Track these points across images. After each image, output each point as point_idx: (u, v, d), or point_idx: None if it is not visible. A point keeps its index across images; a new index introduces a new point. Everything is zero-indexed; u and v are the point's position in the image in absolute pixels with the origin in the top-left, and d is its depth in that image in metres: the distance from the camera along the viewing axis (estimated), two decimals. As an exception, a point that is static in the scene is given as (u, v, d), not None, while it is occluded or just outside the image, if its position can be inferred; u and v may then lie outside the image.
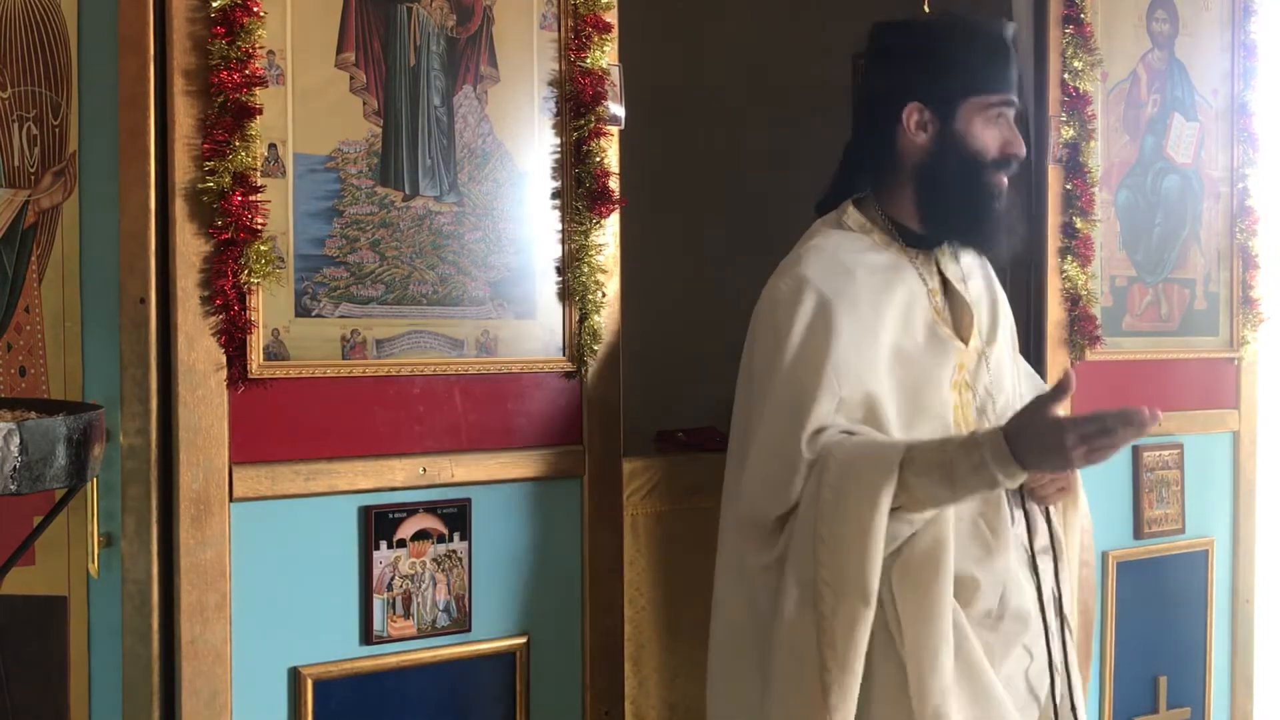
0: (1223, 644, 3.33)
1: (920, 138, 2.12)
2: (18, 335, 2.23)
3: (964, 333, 2.18)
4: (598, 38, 2.31)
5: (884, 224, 2.18)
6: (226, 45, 1.95)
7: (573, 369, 2.33)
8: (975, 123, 2.10)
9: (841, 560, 1.91)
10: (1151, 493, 3.12)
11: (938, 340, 2.13)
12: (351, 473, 2.10)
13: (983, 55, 2.11)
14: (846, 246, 2.15)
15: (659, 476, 2.54)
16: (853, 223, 2.19)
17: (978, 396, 2.17)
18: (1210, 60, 3.27)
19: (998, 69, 2.11)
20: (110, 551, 2.05)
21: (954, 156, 2.10)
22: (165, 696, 1.98)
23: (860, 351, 2.02)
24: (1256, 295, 3.32)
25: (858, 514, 1.90)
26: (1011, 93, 2.13)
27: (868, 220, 2.19)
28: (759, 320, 2.12)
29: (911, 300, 2.13)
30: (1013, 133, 2.13)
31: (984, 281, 2.29)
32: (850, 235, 2.18)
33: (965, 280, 2.23)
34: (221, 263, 1.97)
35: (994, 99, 2.10)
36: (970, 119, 2.10)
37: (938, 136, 2.12)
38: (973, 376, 2.17)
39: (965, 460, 1.87)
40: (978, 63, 2.10)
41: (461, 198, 2.21)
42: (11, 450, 1.63)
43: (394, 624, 2.14)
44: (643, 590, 2.51)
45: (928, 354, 2.11)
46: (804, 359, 2.01)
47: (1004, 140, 2.12)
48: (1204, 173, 3.26)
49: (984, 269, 2.31)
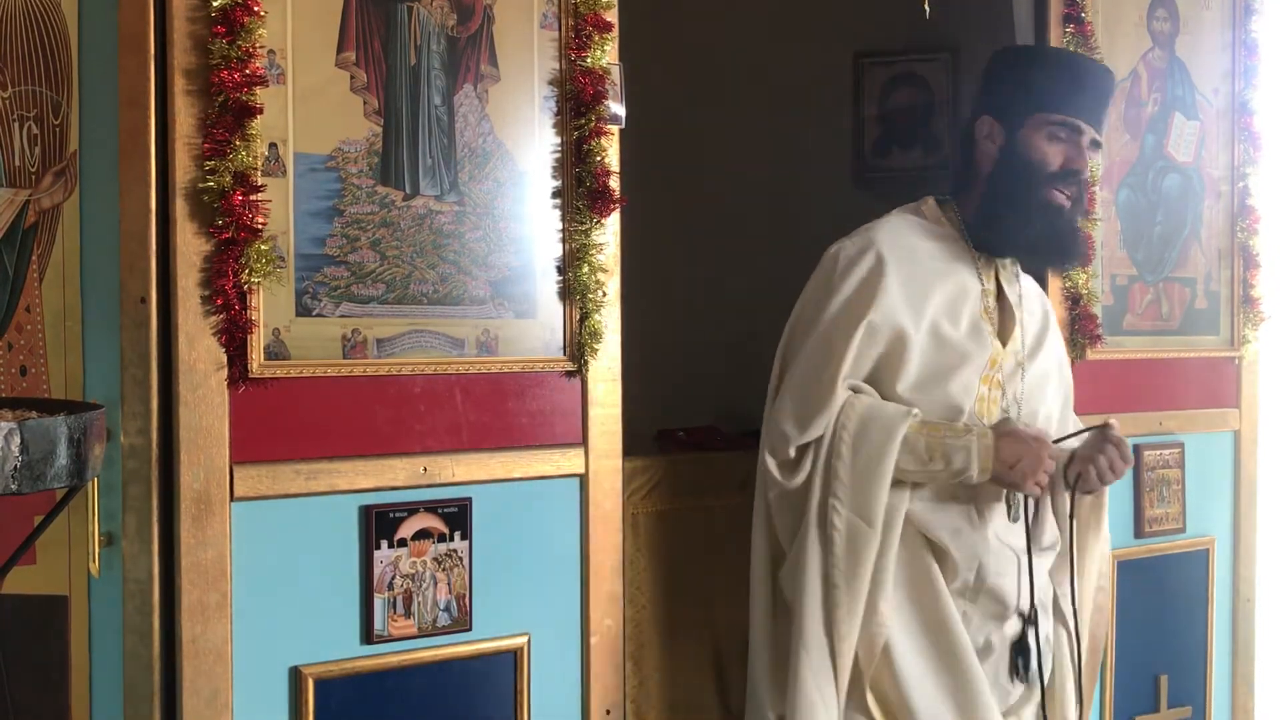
0: (1223, 643, 3.33)
1: (989, 148, 2.30)
2: (18, 335, 2.23)
3: (1005, 336, 2.31)
4: (598, 37, 2.31)
5: (957, 222, 2.34)
6: (227, 45, 1.95)
7: (573, 368, 2.33)
8: (1037, 137, 2.25)
9: (858, 482, 2.11)
10: (1152, 492, 3.12)
11: (978, 332, 2.27)
12: (352, 472, 2.10)
13: (1055, 79, 2.27)
14: (917, 230, 2.32)
15: (659, 476, 2.54)
16: (928, 212, 2.37)
17: (1005, 398, 2.29)
18: (1211, 59, 3.27)
19: (1071, 94, 2.26)
20: (111, 551, 2.05)
21: (1016, 166, 2.26)
22: (166, 696, 1.98)
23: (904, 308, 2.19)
24: (1257, 294, 3.32)
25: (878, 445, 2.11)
26: (1081, 118, 2.26)
27: (942, 215, 2.36)
28: (821, 270, 2.29)
29: (963, 291, 2.28)
30: (1078, 151, 2.26)
31: (1041, 313, 2.44)
32: (923, 223, 2.34)
33: (1020, 300, 2.36)
34: (222, 262, 1.97)
35: (1056, 117, 2.25)
36: (1032, 134, 2.26)
37: (1004, 147, 2.29)
38: (1006, 378, 2.29)
39: (954, 437, 2.13)
40: (1050, 85, 2.26)
41: (462, 197, 2.21)
42: (12, 450, 1.63)
43: (395, 623, 2.14)
44: (643, 589, 2.51)
45: (966, 340, 2.24)
46: (849, 308, 2.18)
47: (1066, 156, 2.25)
48: (1205, 172, 3.26)
49: (1043, 303, 2.48)
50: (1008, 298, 2.33)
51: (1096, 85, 2.31)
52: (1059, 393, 2.45)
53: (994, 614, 2.23)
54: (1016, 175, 2.26)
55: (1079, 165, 2.26)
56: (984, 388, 2.25)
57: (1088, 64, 2.39)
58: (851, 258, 2.23)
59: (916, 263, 2.25)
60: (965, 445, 2.13)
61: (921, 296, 2.21)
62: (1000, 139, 2.28)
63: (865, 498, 2.11)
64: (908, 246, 2.27)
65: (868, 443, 2.12)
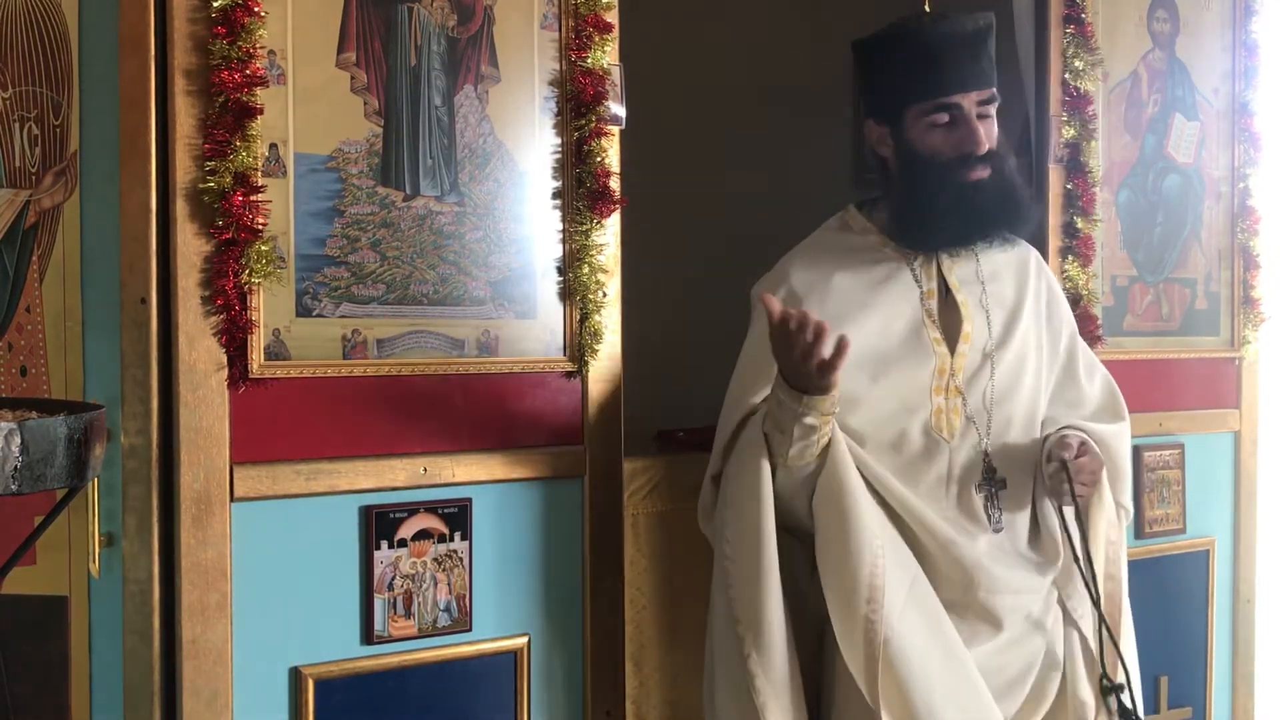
0: (1224, 644, 3.33)
1: (885, 150, 2.21)
2: (19, 335, 2.23)
3: (955, 338, 2.20)
4: (598, 37, 2.31)
5: (883, 225, 2.25)
6: (227, 45, 1.95)
7: (573, 369, 2.33)
8: (919, 130, 2.14)
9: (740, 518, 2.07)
10: (1152, 492, 3.12)
11: (918, 343, 2.18)
12: (352, 472, 2.10)
13: (912, 64, 2.14)
14: (840, 246, 2.25)
15: (659, 476, 2.54)
16: (853, 223, 2.29)
17: (969, 403, 2.18)
18: (1211, 60, 3.27)
19: (932, 74, 2.12)
20: (111, 551, 2.05)
21: (911, 165, 2.16)
22: (166, 696, 1.98)
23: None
24: (1257, 295, 3.32)
25: (749, 472, 2.06)
26: (954, 92, 2.11)
27: (869, 223, 2.27)
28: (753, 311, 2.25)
29: (896, 304, 2.19)
30: (966, 129, 2.12)
31: (1014, 284, 2.29)
32: (849, 235, 2.27)
33: (984, 282, 2.24)
34: (222, 262, 1.97)
35: (928, 105, 2.13)
36: (914, 127, 2.15)
37: (896, 149, 2.19)
38: (965, 382, 2.19)
39: (773, 400, 2.02)
40: (907, 72, 2.14)
41: (462, 197, 2.21)
42: (12, 450, 1.63)
43: (395, 624, 2.14)
44: (643, 590, 2.51)
45: (904, 355, 2.17)
46: (758, 348, 2.10)
47: (956, 140, 2.13)
48: (1205, 172, 3.26)
49: (1019, 271, 2.31)
50: (953, 292, 2.22)
51: (958, 44, 2.11)
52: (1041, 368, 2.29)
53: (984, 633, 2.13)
54: (917, 174, 2.15)
55: (971, 146, 2.10)
56: (939, 398, 2.15)
57: (937, 27, 2.14)
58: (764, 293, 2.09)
59: (835, 289, 2.17)
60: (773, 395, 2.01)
61: (841, 322, 2.07)
62: (889, 141, 2.19)
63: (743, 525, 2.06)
64: (825, 272, 2.19)
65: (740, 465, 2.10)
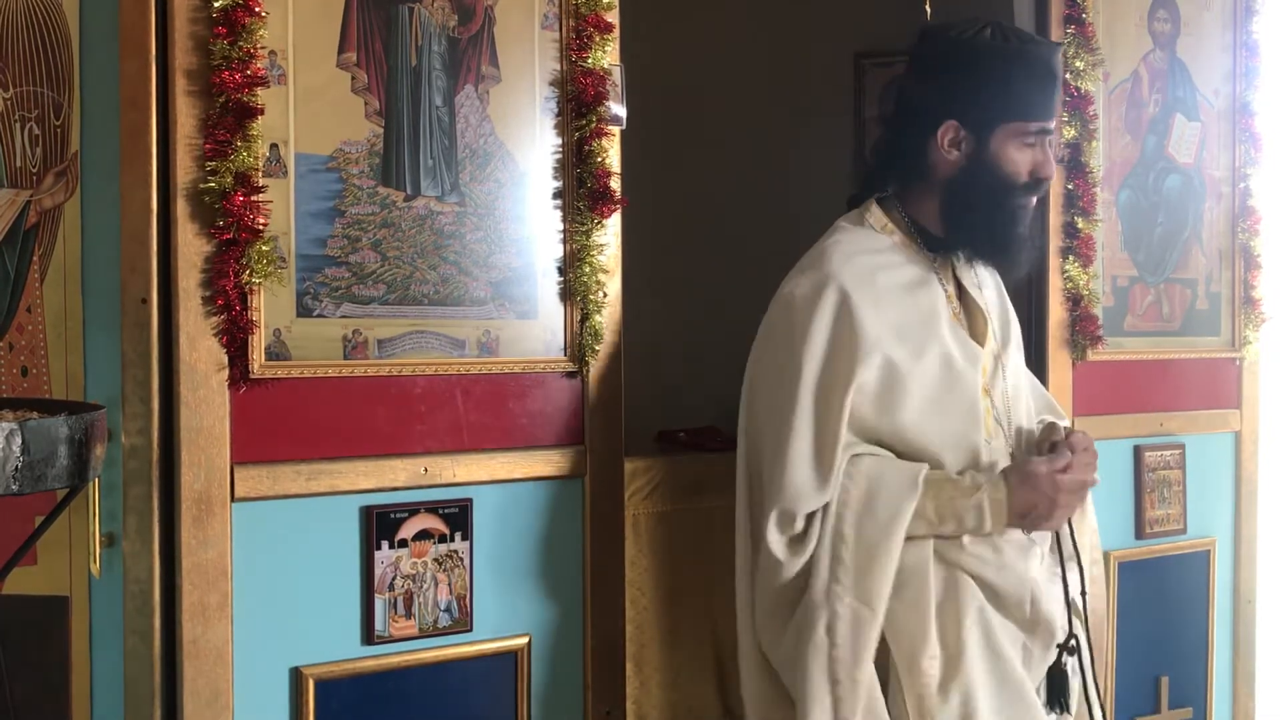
0: (1224, 644, 3.33)
1: (953, 154, 2.12)
2: (19, 335, 2.23)
3: (979, 338, 2.20)
4: (599, 38, 2.31)
5: (906, 226, 2.19)
6: (228, 45, 1.95)
7: (574, 369, 2.33)
8: (1009, 147, 2.10)
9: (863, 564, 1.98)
10: (1153, 493, 3.12)
11: (965, 349, 2.15)
12: (353, 473, 2.10)
13: (1026, 81, 2.09)
14: (867, 245, 2.16)
15: (660, 476, 2.54)
16: (875, 222, 2.20)
17: (996, 405, 2.18)
18: (1212, 60, 3.27)
19: (1040, 95, 2.10)
20: (112, 551, 2.05)
21: (985, 178, 2.11)
22: (167, 696, 1.98)
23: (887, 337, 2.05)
24: (1258, 295, 3.32)
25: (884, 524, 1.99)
26: (1051, 119, 2.12)
27: (890, 221, 2.20)
28: (780, 316, 2.11)
29: (933, 300, 2.15)
30: (1045, 155, 2.12)
31: (996, 290, 2.31)
32: (871, 234, 2.19)
33: (980, 287, 2.24)
34: (223, 263, 1.97)
35: (1032, 126, 2.10)
36: (1005, 143, 2.10)
37: (971, 156, 2.11)
38: (990, 382, 2.18)
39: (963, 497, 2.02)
40: (1020, 88, 2.08)
41: (463, 198, 2.21)
42: (13, 450, 1.63)
43: (395, 624, 2.14)
44: (644, 590, 2.51)
45: (964, 363, 2.13)
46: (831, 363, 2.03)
47: (1035, 164, 2.12)
48: (1206, 173, 3.26)
49: (994, 277, 2.32)
50: (969, 294, 2.20)
51: (1054, 74, 2.13)
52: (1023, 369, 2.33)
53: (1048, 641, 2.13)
54: (986, 186, 2.11)
55: (1047, 173, 2.12)
56: (985, 402, 2.14)
57: (1046, 52, 2.13)
58: (809, 298, 2.06)
59: (878, 284, 2.09)
60: (976, 504, 2.01)
61: (898, 318, 2.07)
62: (966, 147, 2.11)
63: (870, 581, 1.97)
64: (866, 272, 2.10)
65: (873, 521, 1.98)
